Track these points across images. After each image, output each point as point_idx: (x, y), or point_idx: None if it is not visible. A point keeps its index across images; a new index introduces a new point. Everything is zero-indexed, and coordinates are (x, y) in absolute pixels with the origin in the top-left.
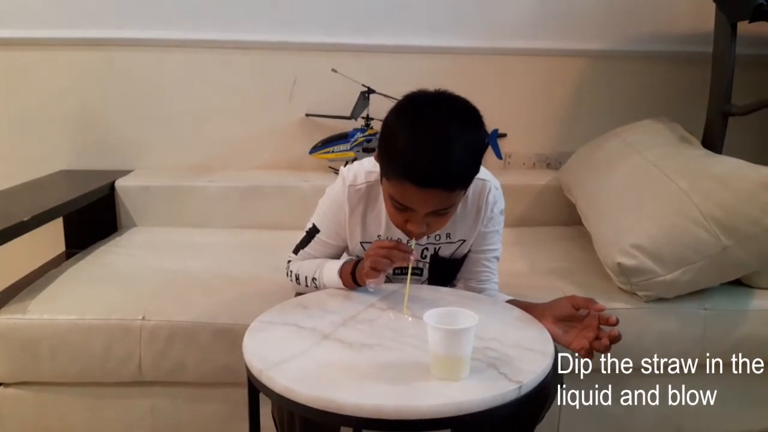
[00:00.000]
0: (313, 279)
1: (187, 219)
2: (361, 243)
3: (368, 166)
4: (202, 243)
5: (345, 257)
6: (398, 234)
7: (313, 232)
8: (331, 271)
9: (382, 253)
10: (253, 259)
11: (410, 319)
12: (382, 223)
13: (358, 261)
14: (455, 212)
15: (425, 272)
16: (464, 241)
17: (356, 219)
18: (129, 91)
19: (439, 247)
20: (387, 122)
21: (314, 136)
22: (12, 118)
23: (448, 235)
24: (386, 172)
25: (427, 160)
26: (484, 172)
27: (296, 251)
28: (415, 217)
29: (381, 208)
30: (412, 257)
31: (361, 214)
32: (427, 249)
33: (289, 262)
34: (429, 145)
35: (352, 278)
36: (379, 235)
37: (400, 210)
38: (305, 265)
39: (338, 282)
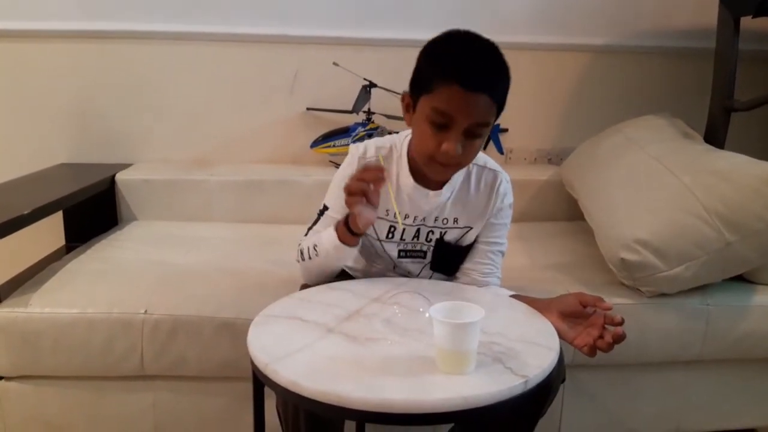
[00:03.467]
0: (314, 246)
1: (187, 213)
2: None
3: (378, 142)
4: (203, 237)
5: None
6: (404, 209)
7: (323, 211)
8: (328, 232)
9: (356, 178)
10: (255, 253)
11: (426, 315)
12: (390, 197)
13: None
14: (483, 143)
15: (428, 255)
16: (471, 228)
17: None
18: (129, 84)
19: (446, 232)
20: (426, 48)
21: (315, 130)
22: (12, 111)
23: (455, 220)
24: (427, 85)
25: (476, 64)
26: (494, 164)
27: (307, 233)
28: (452, 134)
29: (390, 182)
30: (385, 174)
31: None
32: (432, 232)
33: (299, 244)
34: (477, 51)
35: (347, 229)
36: (387, 210)
37: (437, 128)
38: (308, 240)
39: (335, 238)
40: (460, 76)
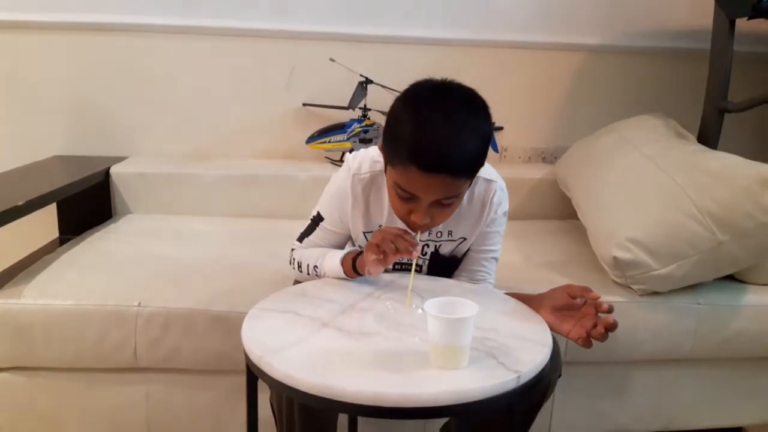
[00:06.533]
0: (315, 267)
1: (182, 206)
2: (363, 233)
3: (374, 154)
4: (197, 231)
5: (349, 247)
6: (399, 225)
7: (317, 219)
8: (332, 260)
9: (390, 237)
10: (249, 248)
11: (419, 311)
12: (384, 213)
13: (361, 252)
14: (459, 205)
15: (425, 269)
16: (465, 239)
17: (359, 208)
18: (125, 77)
19: (440, 245)
20: (393, 109)
21: (311, 125)
22: (6, 103)
23: (449, 233)
24: (391, 159)
25: (434, 145)
26: (491, 173)
27: (301, 239)
28: (419, 207)
29: (384, 198)
30: (415, 251)
31: (364, 203)
32: (427, 246)
33: (292, 250)
34: (435, 130)
35: (353, 268)
36: (380, 225)
37: (404, 200)
38: (308, 254)
39: (339, 271)
40: (417, 160)
